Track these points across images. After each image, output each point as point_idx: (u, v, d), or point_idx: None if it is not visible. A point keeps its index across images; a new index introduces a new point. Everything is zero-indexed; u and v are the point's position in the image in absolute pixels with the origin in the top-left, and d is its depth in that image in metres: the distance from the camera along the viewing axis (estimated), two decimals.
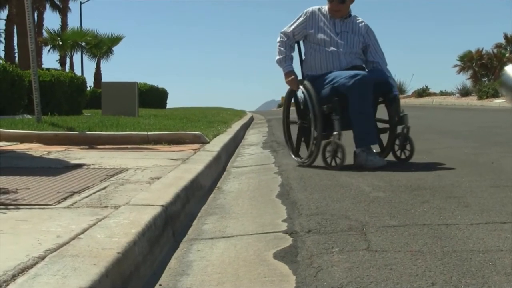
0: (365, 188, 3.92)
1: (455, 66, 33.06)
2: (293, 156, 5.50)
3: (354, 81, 4.92)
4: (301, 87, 5.28)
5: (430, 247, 2.42)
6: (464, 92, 25.49)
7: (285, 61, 5.35)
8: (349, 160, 4.95)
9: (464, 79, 31.08)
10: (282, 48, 5.37)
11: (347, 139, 5.05)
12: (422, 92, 28.84)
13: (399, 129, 5.21)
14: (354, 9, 5.44)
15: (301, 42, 5.49)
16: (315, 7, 5.42)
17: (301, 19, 5.39)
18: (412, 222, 2.87)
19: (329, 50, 5.23)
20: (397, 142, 5.25)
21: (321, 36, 5.27)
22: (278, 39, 5.41)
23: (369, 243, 2.51)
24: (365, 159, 4.91)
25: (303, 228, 2.86)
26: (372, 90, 4.98)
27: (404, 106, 5.83)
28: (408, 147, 5.19)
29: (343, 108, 4.98)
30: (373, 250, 2.42)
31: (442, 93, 28.67)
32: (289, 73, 5.33)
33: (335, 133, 4.91)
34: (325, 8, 5.37)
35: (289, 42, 5.39)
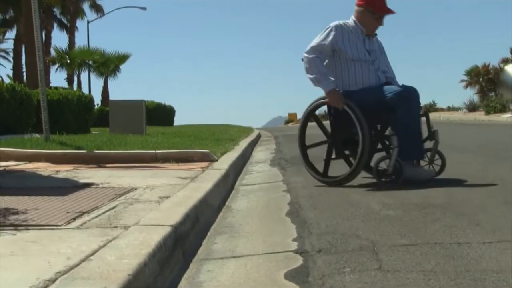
0: (374, 206, 3.90)
1: (462, 81, 33.10)
2: (319, 178, 5.18)
3: (409, 93, 5.01)
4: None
5: (442, 267, 2.40)
6: (472, 107, 25.47)
7: (324, 79, 5.08)
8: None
9: (471, 94, 31.07)
10: (317, 65, 5.10)
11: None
12: (430, 107, 28.85)
13: (429, 144, 5.21)
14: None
15: None
16: (341, 22, 5.24)
17: (332, 34, 5.15)
18: (424, 241, 2.85)
19: (367, 66, 5.19)
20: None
21: (356, 52, 5.17)
22: (310, 56, 5.12)
23: (380, 263, 2.50)
24: (415, 171, 4.93)
25: (314, 248, 2.84)
26: None
27: None
28: (439, 162, 5.18)
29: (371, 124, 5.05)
30: (385, 270, 2.40)
31: (449, 108, 28.68)
32: (333, 91, 5.06)
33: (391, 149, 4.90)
34: (350, 24, 5.27)
35: (323, 58, 5.18)
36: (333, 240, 2.97)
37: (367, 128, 4.91)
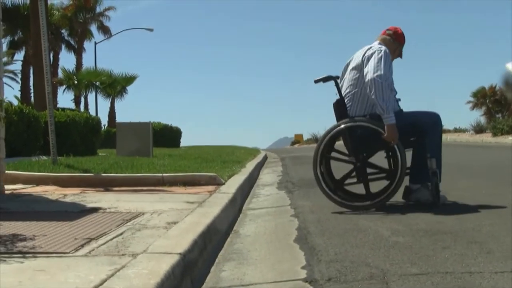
0: (384, 233, 3.87)
1: (469, 102, 33.07)
2: (349, 203, 5.07)
3: (438, 118, 5.19)
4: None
5: None
6: (478, 129, 25.42)
7: (392, 111, 4.95)
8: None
9: (478, 116, 31.05)
10: (389, 96, 5.00)
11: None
12: None
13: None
14: (363, 42, 5.48)
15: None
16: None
17: (390, 63, 5.17)
18: (434, 270, 2.82)
19: (394, 91, 5.26)
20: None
21: (392, 79, 5.24)
22: (383, 82, 4.94)
23: None
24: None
25: (323, 276, 2.81)
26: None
27: None
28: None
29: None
30: None
31: (456, 130, 28.60)
32: (395, 126, 4.93)
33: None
34: None
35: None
36: (343, 268, 2.95)
37: (404, 154, 4.99)
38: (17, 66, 44.97)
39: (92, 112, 33.78)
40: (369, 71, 5.01)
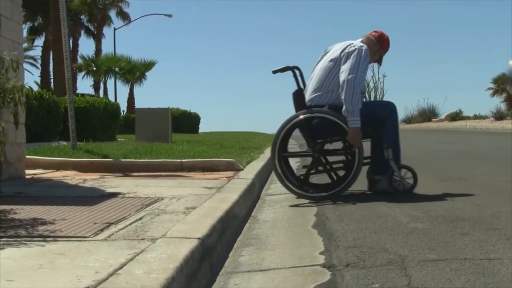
0: (402, 219, 3.86)
1: (489, 88, 32.69)
2: (299, 191, 5.13)
3: (394, 107, 5.23)
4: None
5: (473, 283, 2.36)
6: (499, 116, 25.16)
7: (358, 115, 4.94)
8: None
9: (498, 102, 30.69)
10: (358, 99, 4.96)
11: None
12: (456, 116, 28.55)
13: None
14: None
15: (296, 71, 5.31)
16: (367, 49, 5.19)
17: (367, 61, 5.16)
18: (453, 256, 2.81)
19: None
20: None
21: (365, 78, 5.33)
22: (356, 86, 4.95)
23: (410, 279, 2.46)
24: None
25: (341, 262, 2.81)
26: None
27: (438, 130, 5.86)
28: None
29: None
30: (414, 286, 2.37)
31: (476, 117, 28.33)
32: (359, 129, 4.95)
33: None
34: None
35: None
36: (361, 254, 2.95)
37: (361, 145, 5.04)
38: (37, 52, 45.43)
39: (111, 98, 33.93)
40: (346, 71, 5.00)
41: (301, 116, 5.10)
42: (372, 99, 33.23)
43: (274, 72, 5.27)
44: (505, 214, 3.86)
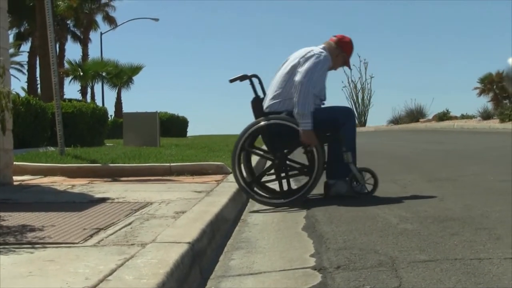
0: (392, 220, 3.87)
1: (476, 88, 32.90)
2: (264, 200, 5.06)
3: (351, 112, 5.33)
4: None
5: (464, 284, 2.37)
6: (486, 115, 25.29)
7: (310, 118, 4.94)
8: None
9: (485, 102, 30.87)
10: (310, 103, 4.94)
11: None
12: (443, 116, 28.68)
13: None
14: (378, 36, 5.44)
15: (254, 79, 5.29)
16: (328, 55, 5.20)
17: (327, 71, 5.18)
18: (443, 257, 2.82)
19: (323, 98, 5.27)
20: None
21: (324, 88, 5.24)
22: (309, 89, 4.95)
23: (400, 280, 2.47)
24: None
25: (332, 264, 2.81)
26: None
27: (425, 130, 5.93)
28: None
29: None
30: (405, 287, 2.37)
31: (463, 117, 28.47)
32: (312, 132, 4.95)
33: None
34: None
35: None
36: (351, 256, 2.95)
37: (322, 151, 5.04)
38: (23, 57, 45.18)
39: (98, 102, 33.85)
40: (300, 73, 5.00)
41: (262, 123, 5.07)
42: (360, 100, 33.48)
43: (231, 81, 5.19)
44: (495, 214, 3.88)
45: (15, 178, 6.40)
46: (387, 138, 17.47)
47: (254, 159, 6.60)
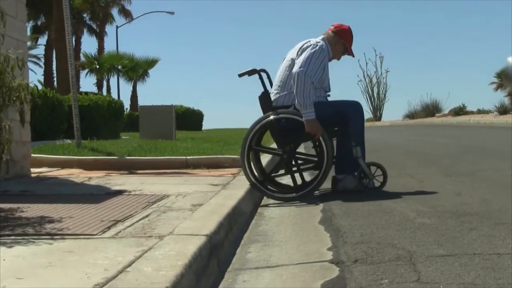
0: (409, 214, 3.85)
1: (492, 83, 32.67)
2: (275, 195, 5.06)
3: (359, 106, 5.25)
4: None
5: (483, 279, 2.35)
6: (502, 110, 25.08)
7: (311, 107, 4.93)
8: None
9: (502, 97, 30.62)
10: (311, 92, 4.93)
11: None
12: (459, 111, 28.48)
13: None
14: (387, 28, 5.42)
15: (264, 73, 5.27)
16: (324, 45, 5.17)
17: (326, 61, 5.15)
18: (462, 251, 2.80)
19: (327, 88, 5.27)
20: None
21: (328, 77, 5.23)
22: (307, 79, 4.92)
23: (419, 274, 2.46)
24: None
25: (350, 258, 2.81)
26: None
27: (442, 125, 5.84)
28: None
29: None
30: (424, 282, 2.36)
31: (479, 111, 28.26)
32: (315, 120, 4.93)
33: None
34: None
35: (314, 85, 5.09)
36: (369, 249, 2.94)
37: (330, 143, 5.01)
38: (40, 50, 45.34)
39: (114, 95, 33.95)
40: (297, 64, 5.00)
41: (271, 117, 5.05)
42: (375, 94, 33.31)
43: (240, 75, 5.17)
44: None
45: (32, 170, 6.44)
46: (403, 132, 17.39)
47: (267, 157, 6.59)
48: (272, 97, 5.17)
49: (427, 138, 13.75)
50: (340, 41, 5.30)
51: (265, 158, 6.46)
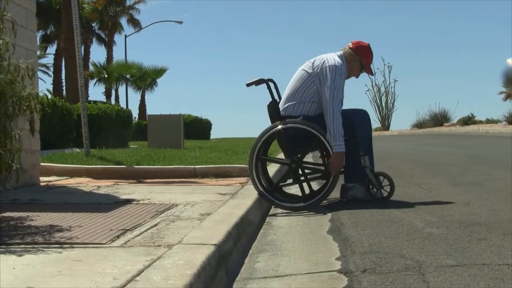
0: (417, 224, 3.85)
1: (501, 93, 32.56)
2: (284, 204, 5.03)
3: (366, 114, 5.28)
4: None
5: None
6: (511, 120, 25.00)
7: (341, 139, 4.93)
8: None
9: (510, 107, 30.56)
10: (340, 123, 4.93)
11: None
12: (468, 120, 28.39)
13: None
14: (400, 36, 5.42)
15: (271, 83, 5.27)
16: (343, 66, 5.15)
17: (343, 77, 5.11)
18: (471, 262, 2.79)
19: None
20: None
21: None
22: (338, 108, 4.95)
23: (428, 285, 2.45)
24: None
25: (358, 268, 2.81)
26: None
27: (450, 134, 5.84)
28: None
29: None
30: None
31: (488, 121, 28.16)
32: (343, 154, 4.95)
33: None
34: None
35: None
36: (377, 259, 2.94)
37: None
38: (49, 59, 45.62)
39: (122, 104, 34.13)
40: (327, 95, 4.96)
41: (279, 126, 5.05)
42: (383, 104, 33.27)
43: (248, 85, 5.20)
44: None
45: (41, 178, 6.47)
46: (411, 142, 17.36)
47: (275, 166, 6.61)
48: (281, 107, 5.19)
49: (436, 147, 13.71)
50: (356, 58, 5.26)
51: (273, 168, 6.48)
